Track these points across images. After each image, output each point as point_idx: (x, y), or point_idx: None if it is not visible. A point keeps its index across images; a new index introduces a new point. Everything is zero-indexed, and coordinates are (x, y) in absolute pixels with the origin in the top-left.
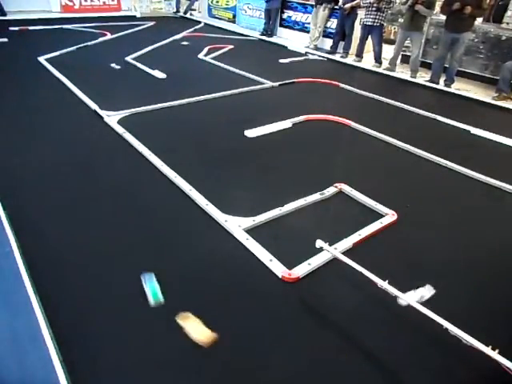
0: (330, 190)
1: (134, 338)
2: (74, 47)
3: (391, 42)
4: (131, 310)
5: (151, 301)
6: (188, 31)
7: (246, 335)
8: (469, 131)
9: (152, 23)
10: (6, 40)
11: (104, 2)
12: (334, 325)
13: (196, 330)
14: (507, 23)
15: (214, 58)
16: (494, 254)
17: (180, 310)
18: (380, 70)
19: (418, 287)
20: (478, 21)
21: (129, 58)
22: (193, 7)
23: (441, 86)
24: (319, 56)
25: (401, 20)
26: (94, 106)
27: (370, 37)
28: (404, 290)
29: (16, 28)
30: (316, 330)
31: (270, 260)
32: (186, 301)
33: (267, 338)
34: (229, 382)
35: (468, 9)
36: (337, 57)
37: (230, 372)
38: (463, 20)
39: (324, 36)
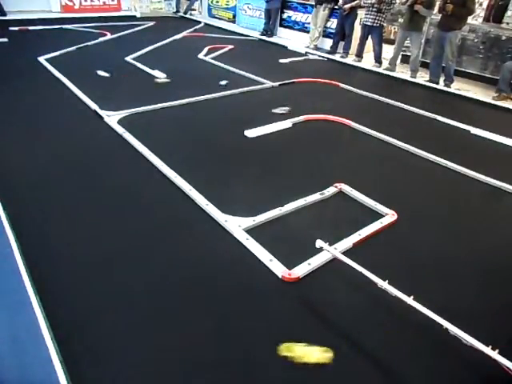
0: (330, 190)
1: (134, 337)
2: (74, 47)
3: (391, 42)
4: (131, 309)
5: None
6: (188, 31)
7: (245, 335)
8: (469, 131)
9: (152, 23)
10: (6, 40)
11: (104, 2)
12: (334, 325)
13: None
14: (507, 23)
15: (213, 58)
16: (494, 253)
17: (181, 309)
18: (380, 70)
19: None
20: (478, 21)
21: (129, 58)
22: (193, 7)
23: (441, 85)
24: (319, 56)
25: (401, 20)
26: (94, 106)
27: (370, 37)
28: (404, 290)
29: (16, 28)
30: (316, 330)
31: (270, 260)
32: (186, 301)
33: (267, 337)
34: (229, 382)
35: (449, 7)
36: (337, 57)
37: (230, 372)
38: (448, 18)
39: (324, 36)
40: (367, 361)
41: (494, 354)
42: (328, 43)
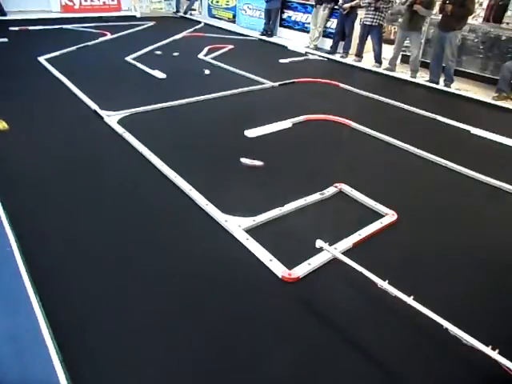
0: (330, 190)
1: (133, 337)
2: (74, 47)
3: (391, 42)
4: (131, 310)
5: None
6: (188, 31)
7: (245, 335)
8: (469, 131)
9: (152, 23)
10: (6, 40)
11: (104, 2)
12: (333, 325)
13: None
14: (507, 23)
15: (214, 58)
16: (494, 253)
17: (180, 309)
18: (380, 70)
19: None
20: (478, 21)
21: (129, 58)
22: (193, 7)
23: (441, 85)
24: (319, 56)
25: (400, 20)
26: (93, 106)
27: (369, 37)
28: (404, 290)
29: (16, 28)
30: (316, 330)
31: (270, 260)
32: (185, 301)
33: (267, 337)
34: (229, 382)
35: (448, 7)
36: (337, 57)
37: (231, 372)
38: (449, 19)
39: (324, 36)
40: (367, 361)
41: (494, 354)
42: (328, 43)
